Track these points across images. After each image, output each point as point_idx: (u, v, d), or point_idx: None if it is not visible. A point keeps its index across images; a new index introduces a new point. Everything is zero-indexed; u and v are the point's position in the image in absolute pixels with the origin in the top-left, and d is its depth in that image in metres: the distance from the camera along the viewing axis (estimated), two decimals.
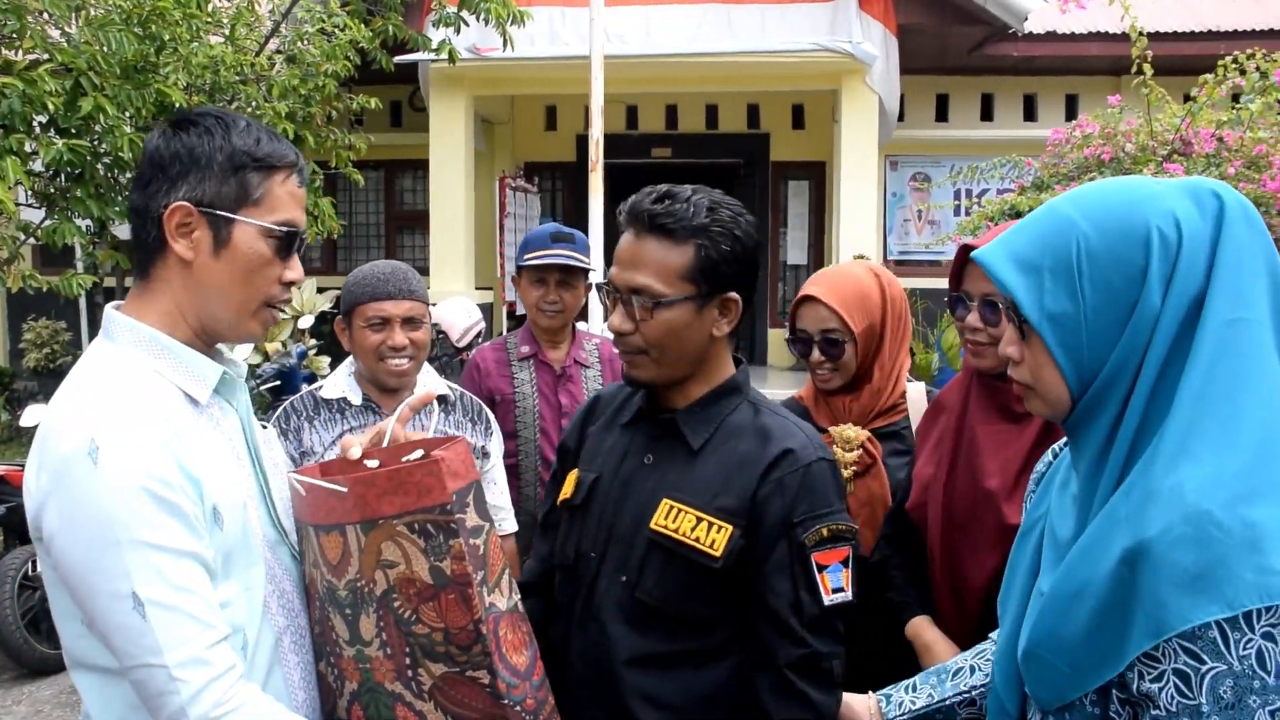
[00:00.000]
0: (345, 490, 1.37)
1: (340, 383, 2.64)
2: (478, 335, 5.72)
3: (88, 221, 5.70)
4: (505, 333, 10.85)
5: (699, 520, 1.68)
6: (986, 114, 12.08)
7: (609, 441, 1.88)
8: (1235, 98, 5.90)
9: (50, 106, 4.82)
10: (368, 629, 1.39)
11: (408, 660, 1.37)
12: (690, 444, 1.76)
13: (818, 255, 12.79)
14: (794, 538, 1.66)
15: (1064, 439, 1.54)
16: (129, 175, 5.66)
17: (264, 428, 1.63)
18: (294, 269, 1.46)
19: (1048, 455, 1.56)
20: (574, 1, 9.43)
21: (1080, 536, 1.23)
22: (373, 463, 1.49)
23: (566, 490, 1.90)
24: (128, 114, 5.30)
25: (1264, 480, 1.11)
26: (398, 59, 7.15)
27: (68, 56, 4.94)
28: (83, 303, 10.07)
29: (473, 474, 1.40)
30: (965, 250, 2.09)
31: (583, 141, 12.76)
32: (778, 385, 11.17)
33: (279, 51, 6.68)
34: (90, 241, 5.88)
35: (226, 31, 6.16)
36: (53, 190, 5.68)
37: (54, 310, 11.40)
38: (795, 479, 1.68)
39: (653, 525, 1.72)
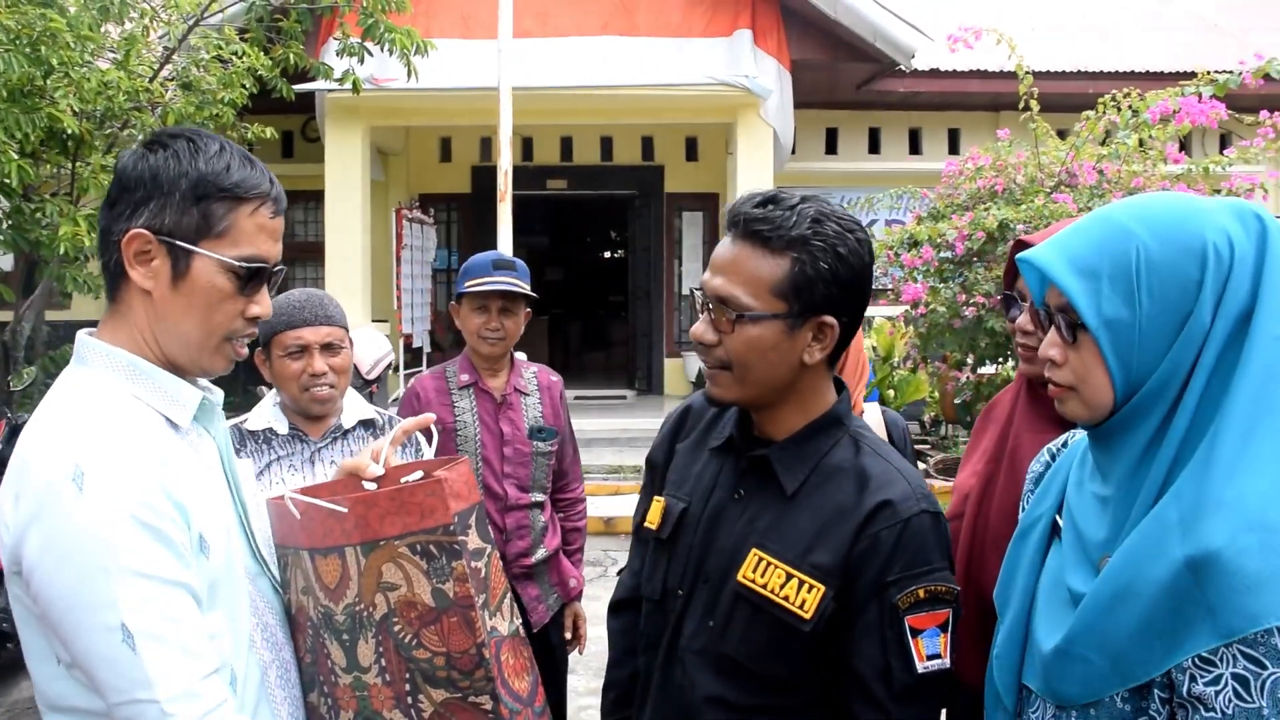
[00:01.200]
0: (346, 511, 1.33)
1: (265, 414, 2.58)
2: (388, 366, 5.63)
3: None
4: (403, 366, 10.71)
5: (789, 577, 1.55)
6: (874, 147, 12.47)
7: (697, 466, 1.75)
8: (1107, 134, 6.24)
9: None
10: (366, 655, 1.35)
11: (407, 687, 1.34)
12: (784, 487, 1.61)
13: None
14: (886, 599, 1.51)
15: (1060, 440, 1.58)
16: (14, 203, 5.44)
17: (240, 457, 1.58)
18: (260, 303, 1.39)
19: (1044, 456, 1.59)
20: (474, 34, 9.44)
21: (1121, 538, 1.26)
22: (370, 485, 1.46)
23: (653, 519, 1.78)
24: (15, 139, 5.09)
25: None
26: (299, 88, 7.04)
27: None
28: None
29: (475, 495, 1.38)
30: (1019, 246, 1.99)
31: (478, 173, 12.74)
32: None
33: (171, 79, 6.51)
34: None
35: (119, 56, 5.98)
36: None
37: None
38: (892, 535, 1.51)
39: (740, 578, 1.59)
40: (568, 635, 3.29)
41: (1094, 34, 12.20)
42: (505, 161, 6.56)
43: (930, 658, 1.51)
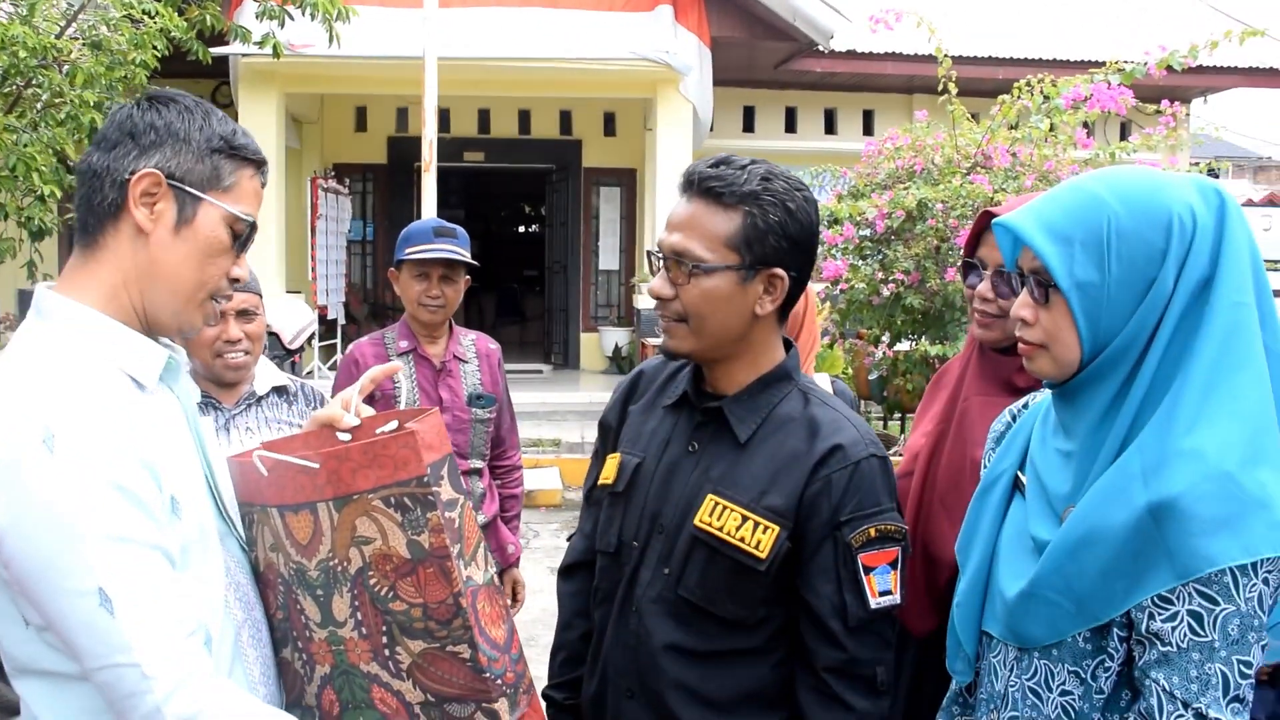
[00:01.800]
0: (317, 466, 1.33)
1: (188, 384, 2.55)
2: (310, 336, 5.55)
3: None
4: (317, 338, 10.53)
5: (744, 519, 1.63)
6: (790, 126, 12.63)
7: (651, 424, 1.82)
8: (1019, 118, 6.42)
9: None
10: (341, 609, 1.36)
11: (385, 639, 1.35)
12: (737, 436, 1.69)
13: (630, 260, 13.01)
14: (840, 538, 1.61)
15: (1021, 402, 1.67)
16: None
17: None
18: (241, 266, 1.42)
19: (1005, 416, 1.68)
20: (395, 2, 9.27)
21: (1084, 490, 1.36)
22: (345, 436, 1.45)
23: (608, 474, 1.84)
24: None
25: (1266, 446, 1.28)
26: (216, 51, 6.84)
27: None
28: None
29: (446, 446, 1.38)
30: (986, 216, 2.06)
31: (395, 143, 12.55)
32: (590, 388, 11.30)
33: (76, 37, 6.27)
34: None
35: (23, 11, 5.74)
36: None
37: None
38: (844, 477, 1.62)
39: (697, 522, 1.66)
40: (509, 601, 3.32)
41: (1007, 22, 12.50)
42: (430, 131, 6.50)
43: (882, 594, 1.62)
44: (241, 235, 1.39)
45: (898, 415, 8.95)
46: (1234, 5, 13.58)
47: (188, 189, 1.34)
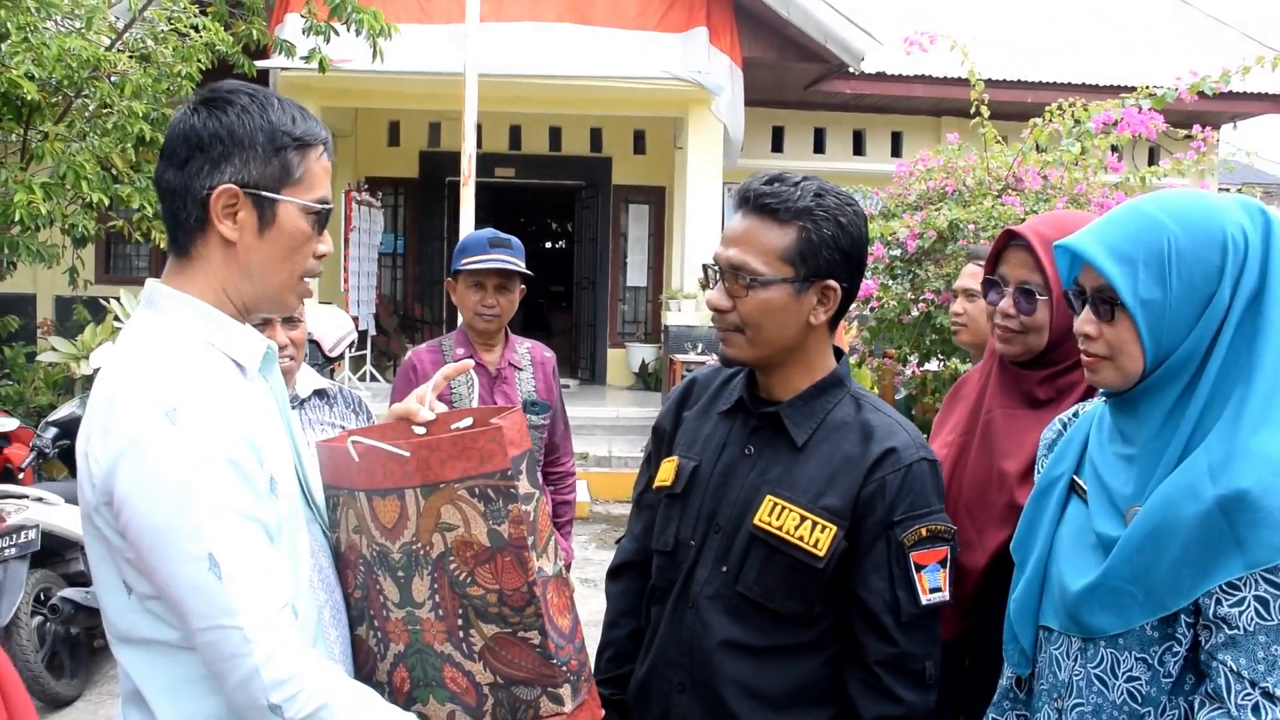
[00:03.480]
0: (408, 455, 1.40)
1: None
2: (350, 344, 5.64)
3: None
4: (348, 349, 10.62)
5: (803, 519, 1.70)
6: (819, 147, 12.70)
7: (706, 429, 1.89)
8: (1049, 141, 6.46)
9: None
10: (420, 591, 1.43)
11: (460, 621, 1.42)
12: (794, 439, 1.76)
13: (657, 277, 13.09)
14: (893, 537, 1.69)
15: (1070, 410, 1.75)
16: None
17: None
18: (326, 241, 1.49)
19: (1055, 425, 1.75)
20: (431, 19, 9.42)
21: (1148, 490, 1.45)
22: (420, 430, 1.53)
23: (665, 477, 1.90)
24: None
25: None
26: (260, 64, 6.98)
27: None
28: None
29: (527, 443, 1.45)
30: (1006, 235, 2.11)
31: (426, 158, 12.70)
32: (616, 403, 11.37)
33: (123, 50, 6.42)
34: None
35: (78, 24, 5.89)
36: None
37: None
38: (897, 478, 1.69)
39: (756, 521, 1.73)
40: (573, 592, 3.38)
41: (1035, 46, 12.55)
42: (470, 146, 6.61)
43: (932, 590, 1.70)
44: (321, 218, 1.46)
45: (926, 434, 8.94)
46: (1266, 32, 13.60)
47: (264, 194, 1.40)
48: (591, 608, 5.87)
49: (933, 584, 1.69)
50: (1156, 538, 1.41)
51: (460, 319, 3.27)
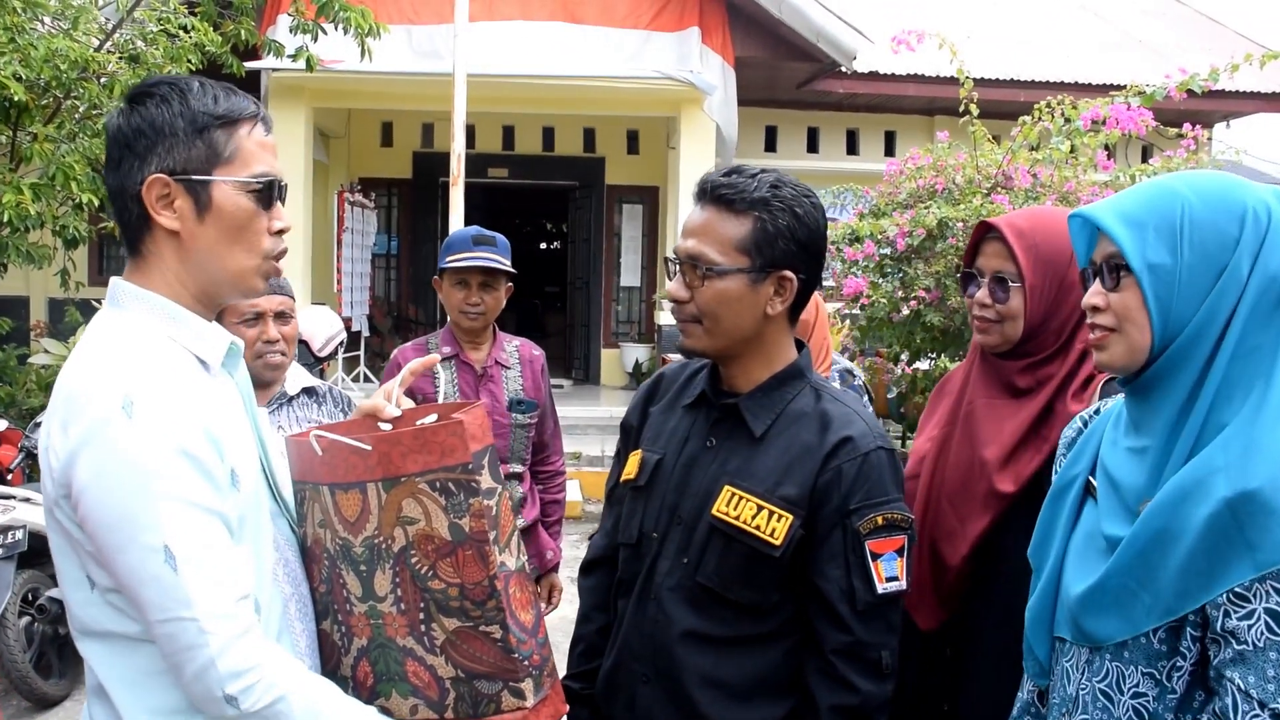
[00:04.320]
0: (370, 449, 1.41)
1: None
2: (339, 344, 5.64)
3: None
4: (340, 350, 10.63)
5: (760, 508, 1.70)
6: (812, 146, 12.72)
7: (671, 423, 1.90)
8: (1039, 139, 6.47)
9: None
10: (382, 585, 1.43)
11: (421, 615, 1.42)
12: (752, 430, 1.77)
13: (651, 277, 13.09)
14: (849, 525, 1.68)
15: (1093, 408, 1.70)
16: None
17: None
18: (280, 216, 1.46)
19: (1076, 422, 1.70)
20: (422, 19, 9.42)
21: (1160, 485, 1.36)
22: (387, 426, 1.53)
23: (630, 470, 1.92)
24: None
25: None
26: (250, 65, 6.98)
27: None
28: None
29: (489, 438, 1.46)
30: (983, 227, 2.13)
31: (420, 158, 12.69)
32: (610, 403, 11.36)
33: (112, 51, 6.42)
34: None
35: (68, 25, 5.89)
36: None
37: None
38: (853, 467, 1.70)
39: (714, 511, 1.74)
40: (543, 605, 3.38)
41: (1027, 45, 12.57)
42: (459, 146, 6.61)
43: (889, 579, 1.69)
44: (265, 193, 1.43)
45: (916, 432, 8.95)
46: (1259, 29, 13.62)
47: (194, 178, 1.39)
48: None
49: (889, 573, 1.69)
50: (1163, 537, 1.33)
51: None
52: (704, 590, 1.75)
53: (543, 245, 19.78)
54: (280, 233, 1.47)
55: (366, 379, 11.21)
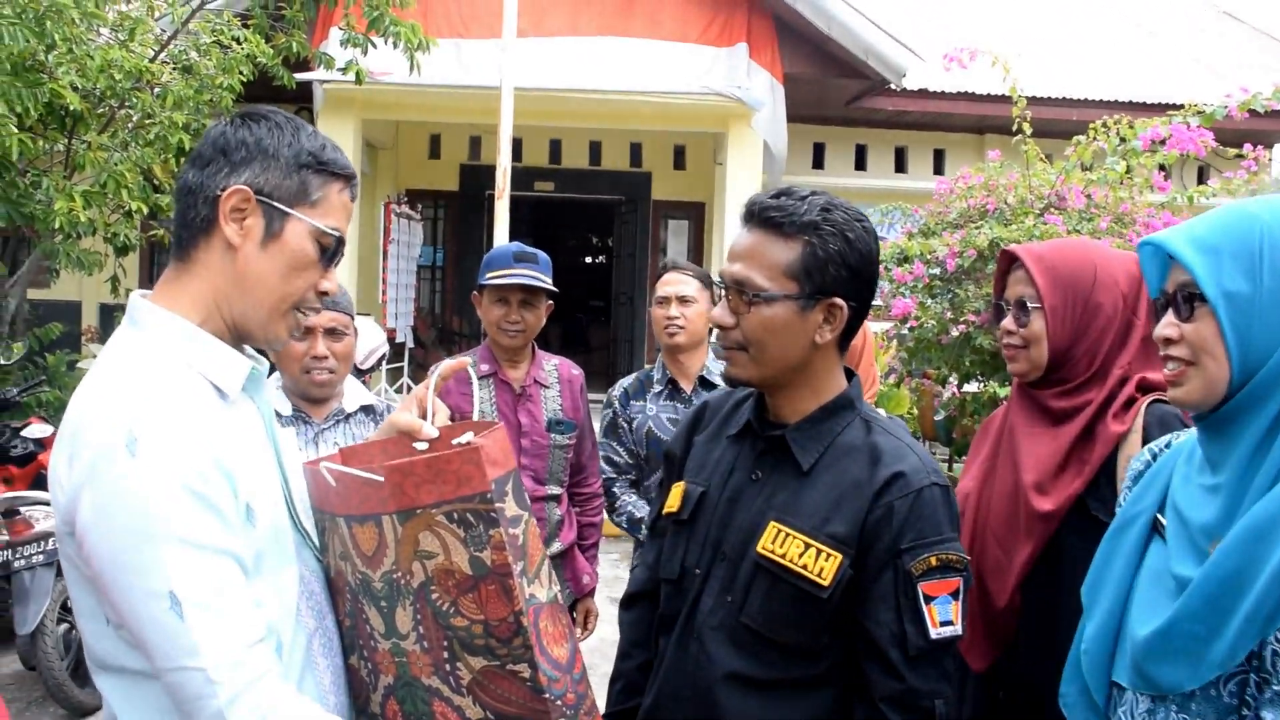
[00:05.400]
0: (382, 479, 1.34)
1: (269, 395, 2.62)
2: (381, 357, 5.64)
3: None
4: (385, 361, 10.66)
5: (807, 546, 1.62)
6: (860, 164, 12.58)
7: (715, 454, 1.83)
8: (1093, 159, 6.34)
9: None
10: (404, 622, 1.37)
11: (445, 654, 1.35)
12: (800, 463, 1.69)
13: None
14: (900, 566, 1.59)
15: (1165, 439, 1.61)
16: (9, 176, 5.41)
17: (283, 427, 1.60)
18: (330, 279, 1.46)
19: (1144, 454, 1.61)
20: (471, 33, 9.46)
21: (1233, 522, 1.28)
22: (421, 445, 1.47)
23: (673, 502, 1.85)
24: (15, 113, 5.07)
25: None
26: (301, 77, 7.04)
27: None
28: None
29: (511, 462, 1.39)
30: (1006, 257, 2.12)
31: (467, 171, 12.74)
32: None
33: (166, 62, 6.50)
34: None
35: (123, 36, 5.96)
36: None
37: None
38: (905, 504, 1.61)
39: (760, 548, 1.66)
40: (579, 631, 3.31)
41: (1079, 63, 12.39)
42: (505, 160, 6.60)
43: (943, 624, 1.59)
44: (329, 249, 1.43)
45: (965, 456, 8.78)
46: None
47: (275, 204, 1.38)
48: None
49: (943, 616, 1.59)
50: (1235, 578, 1.24)
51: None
52: (748, 631, 1.67)
53: (587, 259, 19.77)
54: (324, 293, 1.45)
55: (409, 390, 11.22)
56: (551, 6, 9.90)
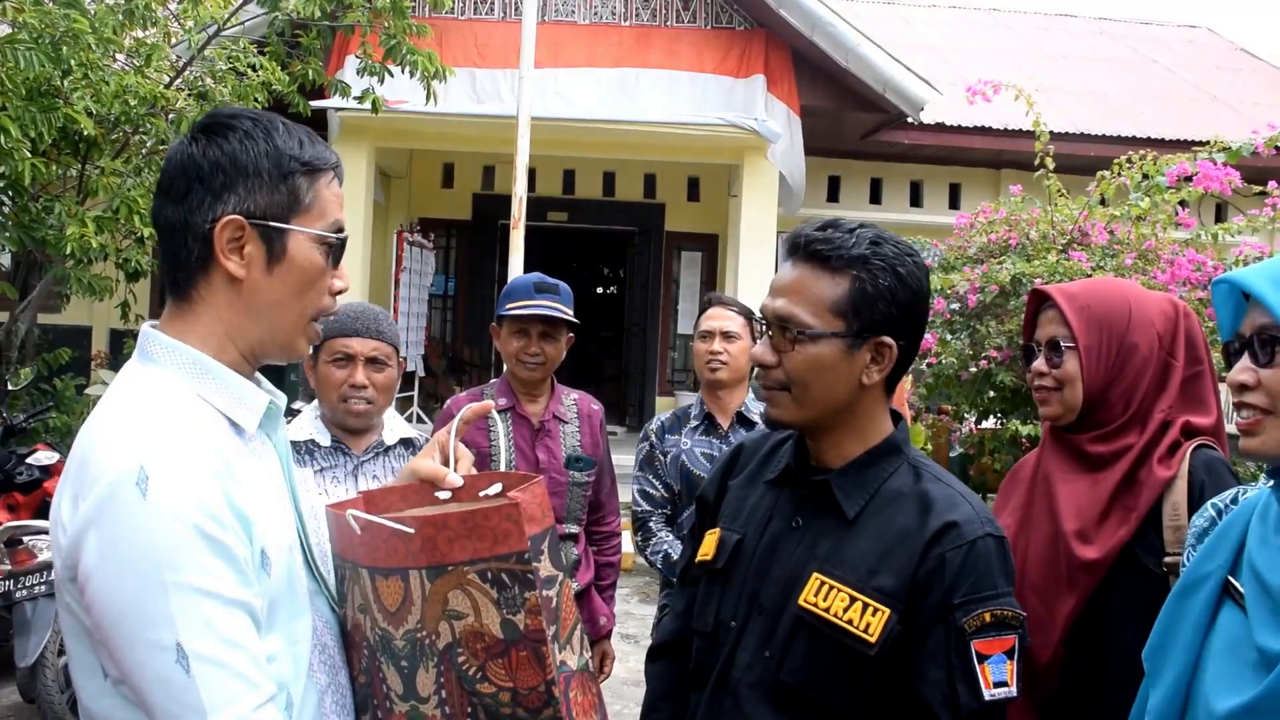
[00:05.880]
0: (412, 532, 1.25)
1: (307, 424, 2.54)
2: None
3: None
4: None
5: (853, 600, 1.52)
6: (875, 197, 12.54)
7: (752, 499, 1.73)
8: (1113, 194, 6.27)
9: None
10: (425, 684, 1.27)
11: None
12: (844, 511, 1.59)
13: None
14: (952, 622, 1.49)
15: (1230, 494, 1.53)
16: (21, 201, 5.37)
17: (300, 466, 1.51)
18: (342, 276, 1.36)
19: (1208, 510, 1.53)
20: (488, 63, 9.46)
21: None
22: (444, 494, 1.38)
23: (707, 550, 1.75)
24: (29, 137, 5.03)
25: None
26: (317, 104, 7.01)
27: None
28: None
29: (549, 519, 1.30)
30: (1037, 297, 2.05)
31: (480, 200, 12.74)
32: None
33: (181, 88, 6.48)
34: None
35: (139, 62, 5.94)
36: None
37: None
38: (958, 556, 1.50)
39: (802, 601, 1.56)
40: (600, 688, 3.20)
41: (1098, 99, 12.35)
42: (521, 189, 6.56)
43: (997, 685, 1.48)
44: (335, 249, 1.33)
45: (982, 495, 8.66)
46: None
47: (272, 224, 1.28)
48: (630, 665, 5.70)
49: (997, 677, 1.48)
50: None
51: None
52: (788, 690, 1.56)
53: (600, 290, 19.74)
54: (338, 293, 1.36)
55: (420, 419, 11.15)
56: (569, 38, 9.91)
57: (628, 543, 8.04)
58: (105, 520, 1.13)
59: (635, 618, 6.83)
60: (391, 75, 6.45)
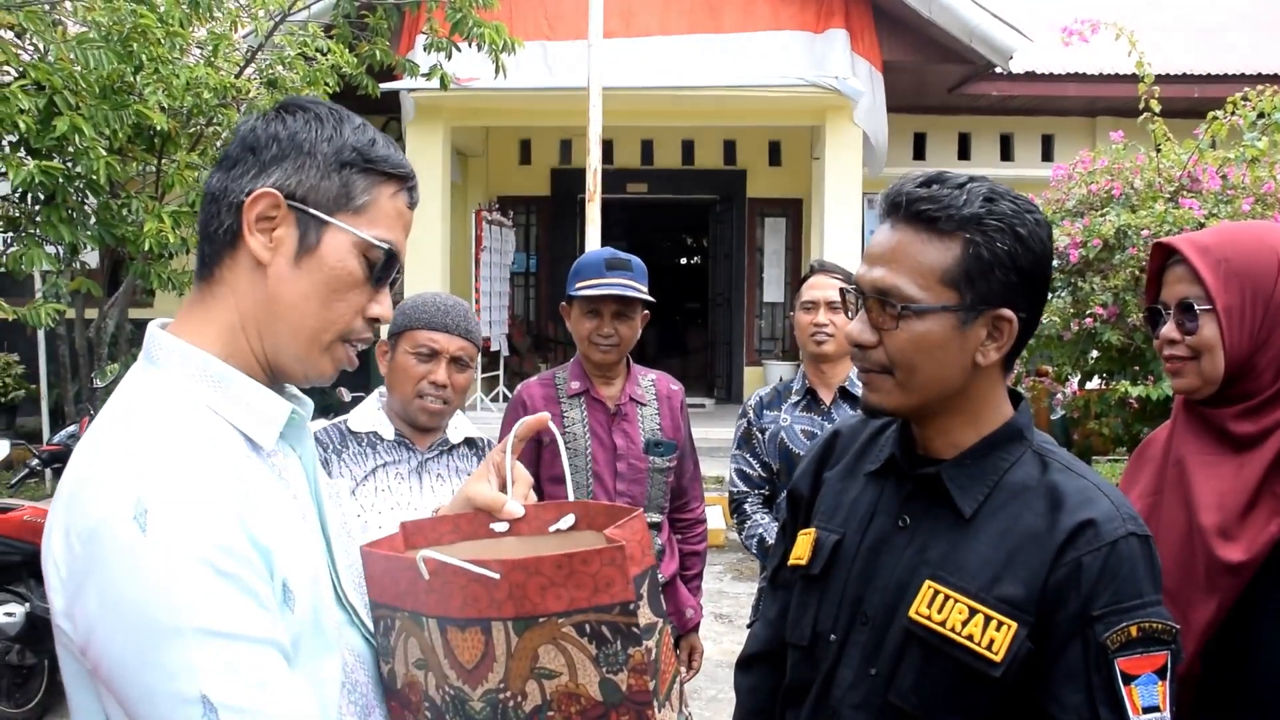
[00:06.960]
0: (498, 577, 1.07)
1: (369, 415, 2.42)
2: None
3: (56, 248, 5.41)
4: (480, 370, 10.59)
5: (973, 612, 1.33)
6: (964, 153, 12.08)
7: (852, 494, 1.54)
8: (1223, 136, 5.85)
9: (21, 125, 4.55)
10: None
11: None
12: (960, 508, 1.40)
13: (795, 293, 12.66)
14: (1092, 637, 1.30)
15: None
16: (101, 199, 5.40)
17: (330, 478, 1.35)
18: (382, 302, 1.20)
19: None
20: (559, 35, 9.30)
21: None
22: (500, 526, 1.22)
23: (801, 553, 1.56)
24: (104, 135, 5.03)
25: None
26: (386, 86, 6.94)
27: (42, 74, 4.67)
28: (41, 333, 9.65)
29: (649, 558, 1.13)
30: (1161, 252, 1.79)
31: (558, 175, 12.64)
32: None
33: (252, 77, 6.46)
34: (57, 269, 5.59)
35: (206, 53, 5.93)
36: (19, 214, 5.40)
37: (5, 342, 10.94)
38: (1097, 560, 1.31)
39: (913, 614, 1.38)
40: (684, 671, 3.04)
41: (1199, 36, 11.69)
42: (595, 161, 6.40)
43: (1146, 710, 1.28)
44: (378, 266, 1.17)
45: (1088, 461, 8.30)
46: None
47: (310, 210, 1.13)
48: (724, 646, 5.55)
49: (1146, 701, 1.28)
50: None
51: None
52: (898, 713, 1.37)
53: (683, 260, 19.54)
54: (374, 321, 1.20)
55: (505, 398, 11.14)
56: (640, 5, 9.68)
57: (716, 519, 7.93)
58: (103, 564, 0.98)
59: (729, 596, 6.68)
60: (459, 50, 6.33)
